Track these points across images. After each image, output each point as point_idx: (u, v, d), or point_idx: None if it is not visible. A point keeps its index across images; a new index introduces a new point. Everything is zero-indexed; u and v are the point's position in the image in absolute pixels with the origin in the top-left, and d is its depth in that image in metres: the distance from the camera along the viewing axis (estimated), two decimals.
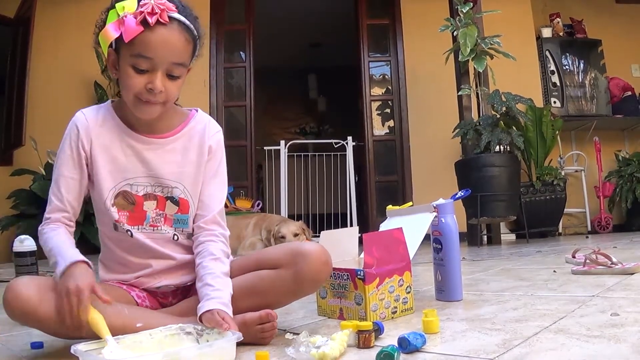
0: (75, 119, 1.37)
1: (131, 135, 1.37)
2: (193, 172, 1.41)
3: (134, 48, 1.23)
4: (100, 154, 1.34)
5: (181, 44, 1.27)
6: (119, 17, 1.23)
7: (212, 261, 1.34)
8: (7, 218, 4.85)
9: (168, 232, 1.40)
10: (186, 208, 1.41)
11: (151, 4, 1.21)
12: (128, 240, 1.37)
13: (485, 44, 4.43)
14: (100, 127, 1.36)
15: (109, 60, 1.31)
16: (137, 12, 1.21)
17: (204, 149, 1.42)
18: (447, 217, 1.74)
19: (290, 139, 6.31)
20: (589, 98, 6.16)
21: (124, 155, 1.36)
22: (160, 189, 1.38)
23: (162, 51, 1.24)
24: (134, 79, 1.26)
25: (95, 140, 1.35)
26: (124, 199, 1.35)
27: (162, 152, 1.38)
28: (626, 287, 1.77)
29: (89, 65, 5.39)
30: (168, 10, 1.23)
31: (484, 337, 1.21)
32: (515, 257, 3.23)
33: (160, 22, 1.22)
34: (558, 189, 5.27)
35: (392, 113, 6.26)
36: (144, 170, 1.37)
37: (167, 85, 1.27)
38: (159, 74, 1.25)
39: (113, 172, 1.35)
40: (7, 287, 1.18)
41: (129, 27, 1.21)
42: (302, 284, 1.33)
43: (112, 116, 1.38)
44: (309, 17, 7.54)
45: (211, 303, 1.23)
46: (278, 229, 4.57)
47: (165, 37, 1.23)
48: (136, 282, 1.39)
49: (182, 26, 1.26)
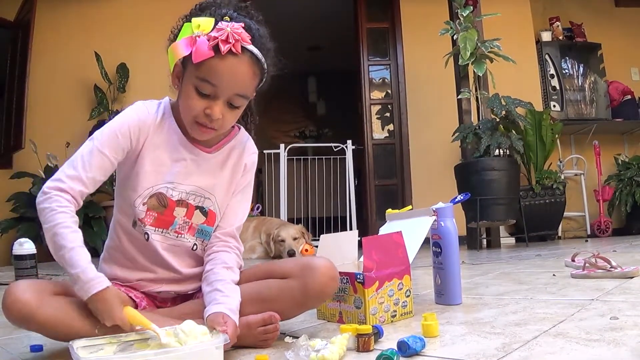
0: (137, 109, 1.34)
1: (182, 142, 1.36)
2: (225, 187, 1.42)
3: (200, 71, 1.22)
4: (149, 152, 1.33)
5: (248, 77, 1.26)
6: (193, 35, 1.22)
7: (224, 269, 1.34)
8: (7, 221, 4.86)
9: (190, 241, 1.40)
10: (213, 220, 1.42)
11: (227, 31, 1.19)
12: (141, 241, 1.36)
13: (485, 47, 4.44)
14: (158, 126, 1.35)
15: (174, 70, 1.30)
16: (212, 36, 1.20)
17: (239, 167, 1.44)
18: (447, 220, 1.74)
19: (289, 142, 6.32)
20: (589, 102, 6.16)
21: (170, 159, 1.35)
22: (194, 198, 1.38)
23: (227, 81, 1.23)
24: (195, 101, 1.25)
25: (150, 137, 1.33)
26: (158, 200, 1.35)
27: (204, 164, 1.39)
28: (625, 290, 1.76)
29: (89, 68, 5.43)
30: (243, 41, 1.21)
31: (483, 340, 1.21)
32: (515, 260, 3.23)
33: (232, 51, 1.20)
34: (557, 192, 5.27)
35: (391, 117, 6.27)
36: (184, 177, 1.36)
37: (225, 113, 1.27)
38: (220, 102, 1.25)
39: (156, 173, 1.34)
40: (6, 291, 1.17)
41: (199, 49, 1.20)
42: (308, 296, 1.32)
43: (169, 117, 1.37)
44: (309, 21, 7.55)
45: (218, 307, 1.23)
46: (277, 233, 4.57)
47: (234, 68, 1.23)
48: (136, 285, 1.39)
49: (254, 59, 1.25)
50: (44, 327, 1.17)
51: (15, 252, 2.37)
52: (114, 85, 5.53)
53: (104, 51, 5.45)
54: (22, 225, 4.72)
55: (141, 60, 5.50)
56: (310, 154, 6.78)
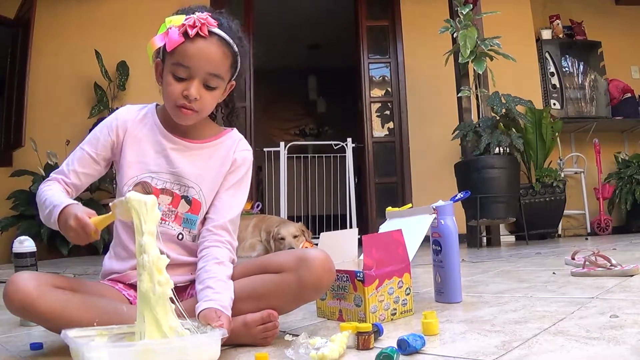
0: (119, 110, 1.49)
1: (163, 134, 1.45)
2: (211, 178, 1.47)
3: (174, 57, 1.33)
4: (131, 144, 1.44)
5: (218, 56, 1.35)
6: (166, 29, 1.34)
7: (216, 265, 1.35)
8: (7, 219, 4.86)
9: (174, 230, 1.44)
10: (197, 209, 1.45)
11: (193, 18, 1.32)
12: (131, 227, 1.37)
13: (485, 45, 4.43)
14: (139, 122, 1.47)
15: (156, 69, 1.42)
16: (180, 25, 1.32)
17: (227, 160, 1.50)
18: (447, 218, 1.74)
19: (289, 140, 6.31)
20: (589, 100, 6.16)
21: (153, 151, 1.45)
22: (178, 187, 1.44)
23: (198, 61, 1.33)
24: (173, 86, 1.35)
25: (130, 131, 1.45)
26: (142, 188, 1.41)
27: (187, 154, 1.46)
28: (625, 289, 1.77)
29: (89, 66, 5.42)
30: (208, 24, 1.33)
31: (483, 338, 1.21)
32: (515, 258, 3.23)
33: (200, 35, 1.32)
34: (557, 190, 5.28)
35: (391, 115, 6.27)
36: (167, 167, 1.44)
37: (202, 94, 1.36)
38: (195, 82, 1.34)
39: (139, 164, 1.43)
40: (8, 280, 1.20)
41: (171, 38, 1.31)
42: (304, 289, 1.33)
43: (152, 115, 1.48)
44: (309, 19, 7.54)
45: (210, 304, 1.23)
46: (277, 231, 4.57)
47: (204, 49, 1.33)
48: (128, 274, 1.41)
49: (222, 41, 1.35)
50: (43, 318, 1.19)
51: (15, 249, 2.37)
52: (114, 83, 5.53)
53: (104, 49, 5.45)
54: (22, 223, 4.72)
55: (141, 58, 5.38)
56: (310, 152, 6.77)
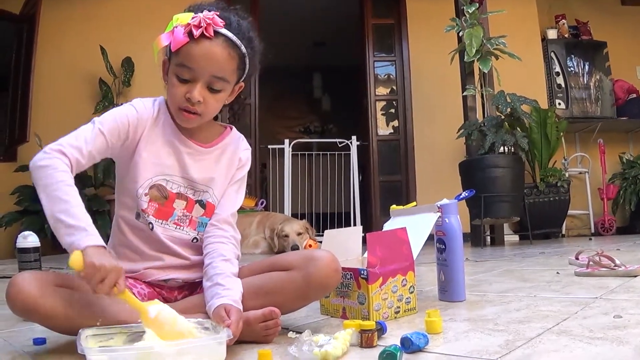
0: (136, 104, 1.39)
1: (177, 137, 1.41)
2: (222, 179, 1.47)
3: (178, 58, 1.29)
4: (146, 144, 1.38)
5: (223, 58, 1.30)
6: (172, 27, 1.30)
7: (223, 262, 1.35)
8: (11, 214, 4.87)
9: (189, 234, 1.43)
10: (211, 212, 1.46)
11: (199, 17, 1.27)
12: (146, 231, 1.39)
13: (491, 44, 4.43)
14: (155, 121, 1.40)
15: (163, 68, 1.38)
16: (187, 24, 1.28)
17: (234, 160, 1.50)
18: (451, 217, 1.74)
19: (294, 137, 6.31)
20: (594, 100, 6.14)
21: (166, 153, 1.40)
22: (192, 192, 1.43)
23: (203, 62, 1.28)
24: (177, 88, 1.31)
25: (147, 131, 1.38)
26: (158, 191, 1.39)
27: (198, 158, 1.43)
28: (629, 289, 1.76)
29: (94, 62, 5.42)
30: (215, 25, 1.28)
31: (486, 337, 1.21)
32: (519, 258, 3.22)
33: (205, 35, 1.27)
34: (562, 190, 5.27)
35: (396, 113, 6.26)
36: (180, 171, 1.41)
37: (206, 97, 1.32)
38: (198, 85, 1.30)
39: (154, 165, 1.39)
40: (10, 282, 1.18)
41: (176, 38, 1.28)
42: (310, 287, 1.33)
43: (164, 113, 1.42)
44: (314, 16, 7.53)
45: (222, 300, 1.24)
46: (281, 228, 4.58)
47: (208, 50, 1.28)
48: (144, 273, 1.40)
49: (228, 42, 1.30)
50: (46, 319, 1.18)
51: (19, 245, 2.37)
52: (119, 79, 5.53)
53: (109, 45, 5.45)
54: (26, 218, 4.73)
55: (146, 54, 5.40)
56: (314, 150, 6.78)
